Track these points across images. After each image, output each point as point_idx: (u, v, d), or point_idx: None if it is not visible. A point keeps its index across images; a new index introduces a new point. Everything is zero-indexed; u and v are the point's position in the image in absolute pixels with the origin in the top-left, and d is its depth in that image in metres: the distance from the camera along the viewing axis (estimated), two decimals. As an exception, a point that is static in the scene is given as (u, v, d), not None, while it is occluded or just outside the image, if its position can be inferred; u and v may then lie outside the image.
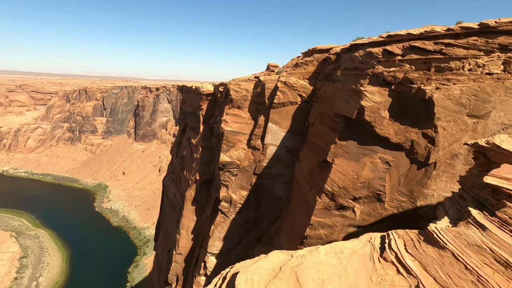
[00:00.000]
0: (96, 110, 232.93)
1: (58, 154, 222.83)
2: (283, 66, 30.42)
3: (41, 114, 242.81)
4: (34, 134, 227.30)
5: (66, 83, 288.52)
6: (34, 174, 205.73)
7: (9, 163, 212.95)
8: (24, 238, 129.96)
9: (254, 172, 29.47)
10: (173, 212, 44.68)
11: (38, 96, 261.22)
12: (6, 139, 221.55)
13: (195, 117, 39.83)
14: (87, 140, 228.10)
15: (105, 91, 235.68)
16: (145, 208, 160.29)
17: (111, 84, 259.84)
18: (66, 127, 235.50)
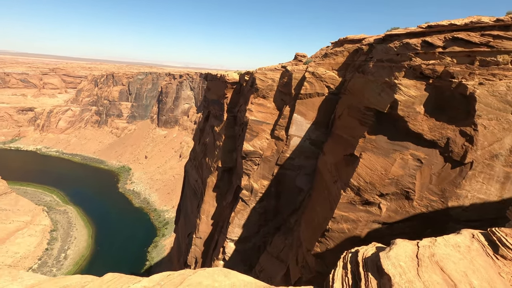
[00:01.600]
0: (122, 95, 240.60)
1: (86, 136, 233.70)
2: (311, 56, 29.74)
3: (71, 97, 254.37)
4: (65, 115, 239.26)
5: (95, 67, 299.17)
6: (64, 153, 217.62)
7: (42, 142, 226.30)
8: (54, 213, 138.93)
9: (277, 163, 29.47)
10: (194, 197, 45.90)
11: (69, 79, 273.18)
12: (40, 119, 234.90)
13: (219, 105, 40.14)
14: (113, 124, 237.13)
15: (131, 77, 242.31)
16: (165, 191, 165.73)
17: (137, 70, 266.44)
18: (94, 110, 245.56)
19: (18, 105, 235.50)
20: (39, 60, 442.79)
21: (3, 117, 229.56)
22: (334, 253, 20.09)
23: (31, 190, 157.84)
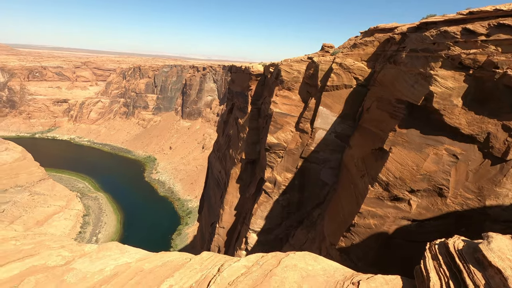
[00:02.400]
0: (148, 87, 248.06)
1: (115, 126, 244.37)
2: (339, 47, 28.85)
3: (101, 89, 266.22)
4: (95, 107, 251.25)
5: (123, 61, 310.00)
6: (95, 143, 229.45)
7: (75, 132, 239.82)
8: (86, 198, 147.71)
9: (301, 156, 29.22)
10: (217, 188, 46.83)
11: (99, 72, 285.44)
12: (73, 110, 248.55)
13: (243, 97, 40.26)
14: (139, 115, 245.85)
15: (157, 70, 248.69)
16: (189, 182, 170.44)
17: (162, 62, 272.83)
18: (122, 102, 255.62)
19: (53, 97, 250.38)
20: (72, 54, 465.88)
21: (41, 108, 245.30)
22: (360, 248, 19.79)
23: (66, 177, 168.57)
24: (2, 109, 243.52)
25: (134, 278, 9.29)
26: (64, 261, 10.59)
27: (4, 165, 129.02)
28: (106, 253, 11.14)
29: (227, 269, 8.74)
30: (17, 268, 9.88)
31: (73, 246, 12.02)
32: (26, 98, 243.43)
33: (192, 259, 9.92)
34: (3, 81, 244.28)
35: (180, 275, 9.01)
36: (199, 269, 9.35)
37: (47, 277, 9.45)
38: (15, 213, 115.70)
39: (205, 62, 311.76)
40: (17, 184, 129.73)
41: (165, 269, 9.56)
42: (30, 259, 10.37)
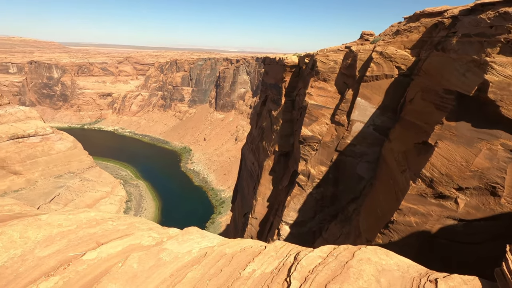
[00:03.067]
0: (184, 81, 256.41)
1: (154, 118, 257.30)
2: (379, 34, 27.27)
3: (141, 83, 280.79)
4: (136, 100, 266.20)
5: (161, 55, 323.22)
6: (135, 134, 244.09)
7: (118, 124, 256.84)
8: (128, 186, 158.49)
9: (336, 149, 28.47)
10: (250, 179, 47.52)
11: (139, 67, 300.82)
12: (116, 103, 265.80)
13: (277, 89, 39.98)
14: (176, 108, 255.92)
15: (192, 63, 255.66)
16: (222, 172, 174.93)
17: (197, 56, 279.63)
18: (160, 95, 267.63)
19: (99, 90, 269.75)
20: (115, 50, 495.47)
21: (89, 101, 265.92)
22: (398, 246, 18.96)
23: (111, 165, 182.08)
24: (56, 103, 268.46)
25: (220, 260, 10.22)
26: (154, 241, 11.87)
27: (58, 153, 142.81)
28: (189, 237, 12.24)
29: (305, 258, 9.19)
30: (119, 245, 11.29)
31: (159, 229, 13.34)
32: (76, 92, 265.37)
33: (267, 247, 10.60)
34: (57, 77, 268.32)
35: (260, 261, 9.72)
36: (275, 256, 9.97)
37: (146, 254, 10.70)
38: (68, 197, 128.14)
39: (239, 54, 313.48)
40: (69, 171, 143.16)
41: (245, 255, 10.39)
42: (127, 238, 11.79)
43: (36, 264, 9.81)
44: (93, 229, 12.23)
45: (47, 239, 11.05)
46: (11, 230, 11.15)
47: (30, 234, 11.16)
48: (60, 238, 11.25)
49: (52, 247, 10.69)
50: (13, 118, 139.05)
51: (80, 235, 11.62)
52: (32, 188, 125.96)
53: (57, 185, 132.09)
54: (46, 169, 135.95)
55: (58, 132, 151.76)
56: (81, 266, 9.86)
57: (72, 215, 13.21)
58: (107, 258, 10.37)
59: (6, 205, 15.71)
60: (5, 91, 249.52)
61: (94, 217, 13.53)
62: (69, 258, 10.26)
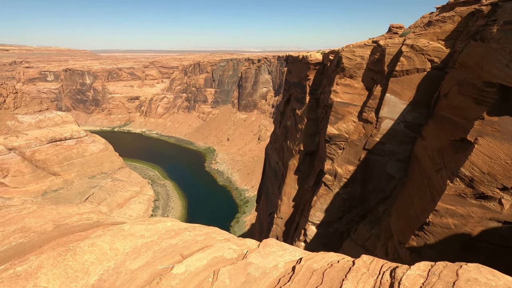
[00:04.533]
0: (207, 82, 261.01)
1: (178, 120, 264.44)
2: (409, 27, 25.99)
3: (166, 86, 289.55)
4: (161, 102, 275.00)
5: (184, 58, 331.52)
6: (162, 135, 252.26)
7: (145, 126, 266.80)
8: (156, 185, 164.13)
9: (364, 147, 27.55)
10: (275, 179, 47.35)
11: (164, 70, 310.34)
12: (143, 106, 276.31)
13: (301, 87, 39.48)
14: (199, 109, 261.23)
15: (214, 65, 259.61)
16: (246, 172, 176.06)
17: (219, 57, 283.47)
18: (184, 97, 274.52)
19: (128, 94, 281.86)
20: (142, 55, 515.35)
21: (118, 105, 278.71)
22: (435, 249, 18.01)
23: (139, 166, 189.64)
24: (89, 107, 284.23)
25: (311, 277, 9.72)
26: (236, 254, 11.67)
27: (92, 154, 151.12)
28: (271, 249, 11.84)
29: (404, 277, 8.56)
30: (204, 258, 11.19)
31: (236, 240, 13.17)
32: (107, 96, 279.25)
33: (355, 262, 10.06)
34: (89, 83, 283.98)
35: (354, 279, 9.21)
36: (368, 273, 9.44)
37: (234, 269, 10.45)
38: (101, 196, 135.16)
39: (260, 54, 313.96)
40: (102, 171, 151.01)
41: (335, 271, 9.88)
42: (209, 251, 11.66)
43: (131, 278, 10.01)
44: (174, 240, 12.26)
45: (134, 251, 11.23)
46: (101, 242, 11.37)
47: (118, 246, 11.37)
48: (145, 249, 11.40)
49: (141, 259, 10.86)
50: (52, 122, 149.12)
51: (163, 247, 11.68)
52: (69, 188, 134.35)
53: (91, 185, 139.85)
54: (81, 170, 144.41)
55: (91, 135, 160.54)
56: (173, 281, 9.87)
57: (151, 225, 13.36)
58: (196, 272, 10.32)
59: (84, 213, 16.34)
60: (44, 98, 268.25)
61: (171, 227, 13.62)
62: (159, 271, 10.35)
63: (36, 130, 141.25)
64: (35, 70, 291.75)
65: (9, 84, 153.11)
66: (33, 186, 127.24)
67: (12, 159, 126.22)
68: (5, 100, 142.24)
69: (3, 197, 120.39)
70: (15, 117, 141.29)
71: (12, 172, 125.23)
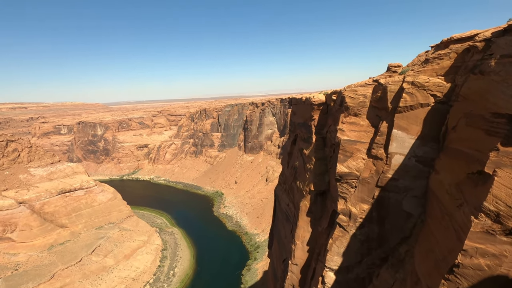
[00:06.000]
0: (213, 127, 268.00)
1: (186, 165, 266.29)
2: (407, 65, 26.99)
3: (174, 133, 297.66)
4: (169, 149, 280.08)
5: (191, 105, 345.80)
6: (170, 181, 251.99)
7: (154, 172, 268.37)
8: (164, 233, 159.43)
9: (377, 184, 26.79)
10: (287, 222, 45.59)
11: (172, 118, 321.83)
12: (152, 153, 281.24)
13: (306, 127, 40.01)
14: (206, 153, 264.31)
15: (220, 110, 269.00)
16: (255, 215, 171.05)
17: (224, 103, 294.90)
18: (191, 142, 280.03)
19: (137, 143, 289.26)
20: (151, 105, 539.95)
21: (127, 153, 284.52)
22: (470, 295, 16.30)
23: (147, 213, 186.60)
24: (99, 157, 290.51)
25: None
26: None
27: (100, 204, 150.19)
28: None
29: None
30: None
31: None
32: (117, 146, 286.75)
33: None
34: (100, 134, 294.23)
35: None
36: None
37: None
38: (108, 248, 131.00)
39: (263, 97, 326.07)
40: (109, 221, 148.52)
41: None
42: None
43: None
44: None
45: None
46: None
47: None
48: None
49: None
50: (62, 174, 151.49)
51: None
52: (75, 241, 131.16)
53: (98, 236, 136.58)
54: (88, 221, 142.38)
55: (100, 184, 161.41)
56: None
57: None
58: None
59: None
60: (57, 150, 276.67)
61: None
62: None
63: (47, 182, 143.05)
64: (50, 124, 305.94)
65: (24, 139, 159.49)
66: (40, 240, 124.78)
67: (21, 212, 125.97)
68: (19, 155, 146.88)
69: (8, 253, 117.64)
70: (27, 171, 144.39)
71: (20, 226, 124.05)
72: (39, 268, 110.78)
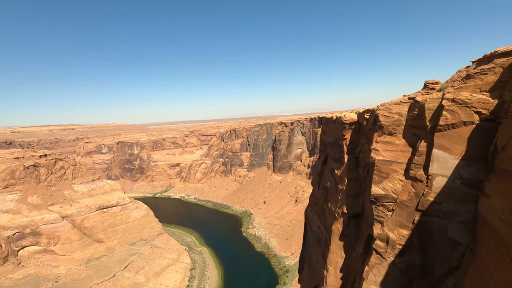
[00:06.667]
0: (242, 146, 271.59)
1: (216, 184, 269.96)
2: (446, 81, 25.69)
3: (204, 152, 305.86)
4: (200, 168, 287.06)
5: (221, 125, 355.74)
6: (199, 200, 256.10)
7: (184, 191, 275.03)
8: (193, 252, 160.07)
9: (417, 208, 24.91)
10: (318, 245, 43.62)
11: (203, 138, 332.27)
12: (183, 172, 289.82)
13: (337, 147, 38.97)
14: (235, 172, 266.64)
15: (249, 130, 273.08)
16: (284, 237, 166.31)
17: (253, 123, 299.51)
18: (221, 161, 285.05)
19: (169, 162, 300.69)
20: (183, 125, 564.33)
21: (160, 172, 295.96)
22: None
23: (177, 232, 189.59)
24: (135, 175, 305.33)
25: None
26: None
27: (134, 221, 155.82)
28: None
29: None
30: None
31: None
32: (151, 164, 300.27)
33: None
34: (136, 153, 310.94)
35: None
36: None
37: None
38: (140, 264, 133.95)
39: (292, 117, 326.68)
40: (142, 238, 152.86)
41: None
42: None
43: None
44: None
45: None
46: None
47: None
48: None
49: None
50: (101, 191, 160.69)
51: None
52: (110, 256, 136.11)
53: (131, 252, 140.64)
54: (123, 237, 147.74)
55: (134, 201, 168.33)
56: None
57: None
58: None
59: None
60: (97, 168, 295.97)
61: None
62: None
63: (88, 198, 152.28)
64: (93, 144, 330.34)
65: (70, 158, 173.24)
66: (79, 253, 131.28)
67: (64, 226, 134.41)
68: (65, 172, 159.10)
69: (51, 265, 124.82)
70: (71, 187, 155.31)
71: (62, 239, 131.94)
72: (77, 282, 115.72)
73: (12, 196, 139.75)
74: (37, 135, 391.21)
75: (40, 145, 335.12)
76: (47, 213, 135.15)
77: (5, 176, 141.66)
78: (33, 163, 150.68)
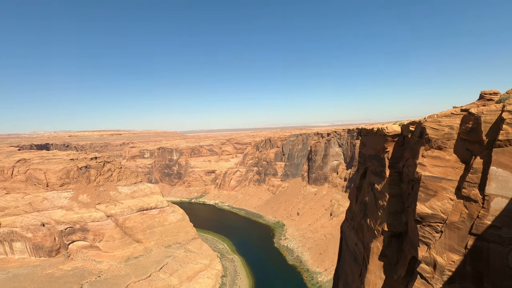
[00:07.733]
0: (277, 156, 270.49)
1: (249, 192, 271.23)
2: (506, 92, 23.20)
3: (239, 160, 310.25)
4: (234, 176, 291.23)
5: (257, 135, 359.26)
6: (233, 207, 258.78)
7: (219, 198, 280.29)
8: (225, 260, 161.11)
9: (471, 232, 22.43)
10: (355, 263, 41.22)
11: (238, 146, 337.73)
12: (218, 179, 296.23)
13: (378, 160, 36.92)
14: (269, 182, 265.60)
15: (284, 139, 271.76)
16: (317, 251, 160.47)
17: (289, 133, 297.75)
18: (255, 170, 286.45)
19: (205, 168, 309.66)
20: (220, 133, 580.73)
21: (197, 178, 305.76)
22: None
23: (210, 238, 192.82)
24: (173, 180, 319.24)
25: None
26: None
27: (170, 224, 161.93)
28: None
29: None
30: None
31: None
32: (188, 170, 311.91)
33: None
34: (175, 158, 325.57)
35: None
36: None
37: None
38: (174, 267, 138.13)
39: (329, 128, 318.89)
40: (177, 241, 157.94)
41: None
42: None
43: None
44: None
45: None
46: None
47: None
48: None
49: None
50: (142, 193, 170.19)
51: None
52: (147, 256, 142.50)
53: (167, 254, 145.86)
54: (159, 239, 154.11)
55: (172, 205, 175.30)
56: None
57: None
58: None
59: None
60: (140, 172, 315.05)
61: None
62: None
63: (130, 200, 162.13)
64: (137, 149, 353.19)
65: (117, 161, 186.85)
66: (120, 251, 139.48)
67: (108, 225, 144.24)
68: (112, 174, 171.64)
69: (95, 260, 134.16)
70: (116, 188, 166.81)
71: (106, 237, 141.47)
72: (116, 278, 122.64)
73: (66, 193, 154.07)
74: (90, 139, 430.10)
75: (92, 148, 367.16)
76: (94, 211, 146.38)
77: (62, 175, 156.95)
78: (85, 164, 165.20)
